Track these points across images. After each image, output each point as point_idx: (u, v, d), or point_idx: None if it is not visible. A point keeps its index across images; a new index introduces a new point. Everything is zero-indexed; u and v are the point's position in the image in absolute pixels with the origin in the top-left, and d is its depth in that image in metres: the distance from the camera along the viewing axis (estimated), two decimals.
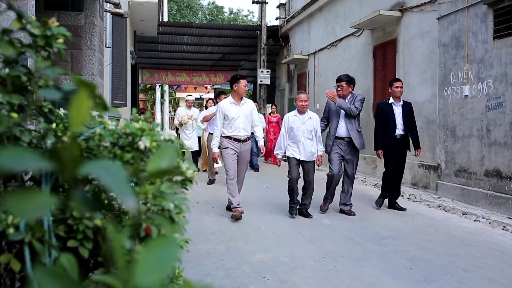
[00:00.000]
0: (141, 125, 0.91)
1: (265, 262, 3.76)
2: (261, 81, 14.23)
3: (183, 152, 5.26)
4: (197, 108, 11.00)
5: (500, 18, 5.67)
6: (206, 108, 9.97)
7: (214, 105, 9.22)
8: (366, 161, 9.25)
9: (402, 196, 6.75)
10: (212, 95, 29.45)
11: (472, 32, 6.18)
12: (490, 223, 5.22)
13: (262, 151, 5.73)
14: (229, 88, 6.38)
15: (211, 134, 7.62)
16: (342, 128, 5.65)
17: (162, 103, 30.45)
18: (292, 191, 5.46)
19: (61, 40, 0.90)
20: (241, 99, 5.56)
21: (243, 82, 5.51)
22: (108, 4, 5.96)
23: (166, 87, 29.00)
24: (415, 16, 7.73)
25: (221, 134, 5.46)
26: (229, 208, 5.62)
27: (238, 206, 5.31)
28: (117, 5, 6.27)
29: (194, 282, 0.47)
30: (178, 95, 33.64)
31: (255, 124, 5.66)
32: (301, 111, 5.51)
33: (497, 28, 5.72)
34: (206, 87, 24.68)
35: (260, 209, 5.93)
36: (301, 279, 3.36)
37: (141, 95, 27.69)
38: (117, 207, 0.98)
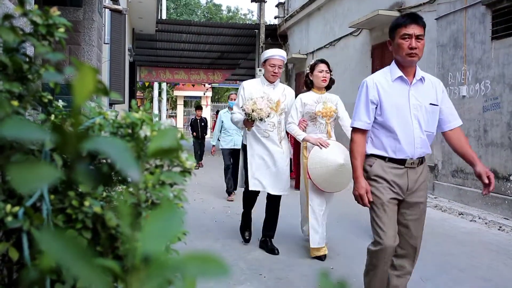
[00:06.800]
0: (141, 115, 0.91)
1: (262, 259, 3.77)
2: None
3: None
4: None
5: (499, 19, 5.69)
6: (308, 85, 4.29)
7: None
8: None
9: None
10: (209, 94, 29.39)
11: (471, 33, 6.19)
12: (486, 223, 5.24)
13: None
14: (227, 87, 5.82)
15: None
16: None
17: (159, 101, 30.40)
18: None
19: (62, 29, 0.90)
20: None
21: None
22: (106, 0, 5.94)
23: (164, 85, 28.97)
24: None
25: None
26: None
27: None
28: (115, 1, 6.26)
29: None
30: (176, 93, 33.56)
31: None
32: None
33: (496, 29, 5.74)
34: (204, 85, 24.68)
35: (256, 207, 5.93)
36: (297, 277, 3.37)
37: (138, 93, 27.65)
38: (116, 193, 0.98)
